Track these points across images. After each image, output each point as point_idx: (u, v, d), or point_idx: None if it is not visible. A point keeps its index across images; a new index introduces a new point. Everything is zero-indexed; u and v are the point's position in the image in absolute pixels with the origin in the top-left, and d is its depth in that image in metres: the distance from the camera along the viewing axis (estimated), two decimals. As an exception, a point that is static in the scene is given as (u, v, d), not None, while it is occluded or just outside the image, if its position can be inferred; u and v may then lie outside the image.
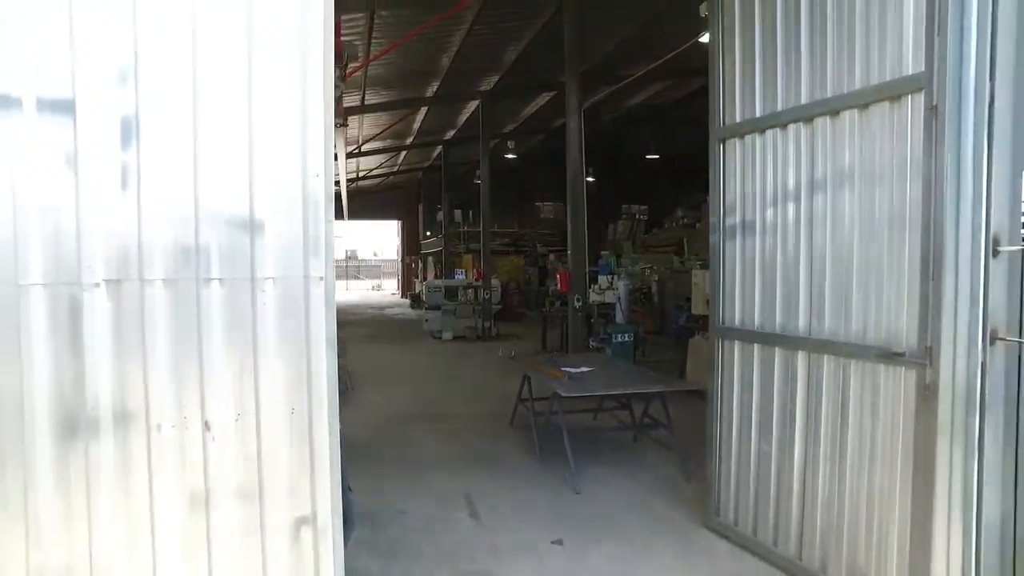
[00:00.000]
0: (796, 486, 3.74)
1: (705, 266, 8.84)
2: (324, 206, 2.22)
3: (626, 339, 8.11)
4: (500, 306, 14.75)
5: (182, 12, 2.12)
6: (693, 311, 7.75)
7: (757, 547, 3.97)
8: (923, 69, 3.02)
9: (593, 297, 9.00)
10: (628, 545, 4.16)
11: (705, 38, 6.38)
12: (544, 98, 14.47)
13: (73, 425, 2.10)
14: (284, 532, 2.27)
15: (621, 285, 9.23)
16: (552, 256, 19.97)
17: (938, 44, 2.95)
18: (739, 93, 4.13)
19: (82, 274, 2.08)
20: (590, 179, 14.72)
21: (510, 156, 18.13)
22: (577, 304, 8.55)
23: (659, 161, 19.26)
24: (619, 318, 9.18)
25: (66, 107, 2.05)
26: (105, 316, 2.10)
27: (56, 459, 2.09)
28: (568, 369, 5.88)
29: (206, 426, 2.18)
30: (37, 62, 2.01)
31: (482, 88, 13.76)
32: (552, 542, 4.22)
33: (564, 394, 5.03)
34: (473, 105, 15.01)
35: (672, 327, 9.18)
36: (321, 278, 2.24)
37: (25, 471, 2.06)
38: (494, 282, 14.77)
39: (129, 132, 2.10)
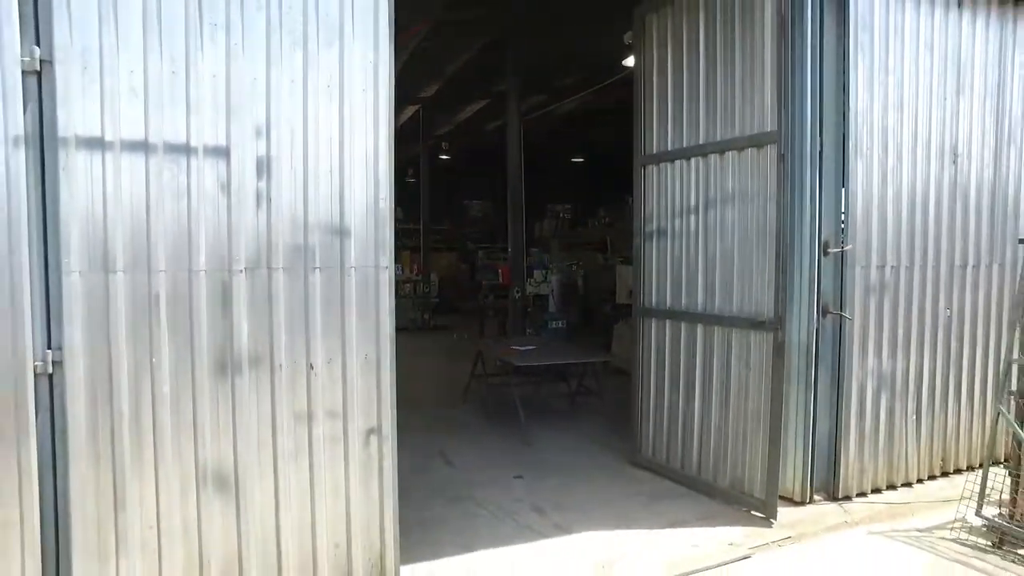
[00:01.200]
0: (696, 423, 5.10)
1: (626, 262, 10.29)
2: (388, 220, 3.34)
3: (559, 325, 9.43)
4: (438, 300, 15.81)
5: (297, 92, 3.17)
6: (617, 300, 9.13)
7: (669, 471, 5.31)
8: (776, 128, 4.42)
9: (529, 289, 10.28)
10: (572, 477, 5.42)
11: (628, 61, 7.73)
12: (479, 104, 15.58)
13: (223, 365, 3.12)
14: (359, 438, 3.37)
15: (554, 279, 10.56)
16: (481, 253, 21.12)
17: (784, 113, 4.35)
18: (656, 131, 5.46)
19: (231, 263, 3.10)
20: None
21: (444, 157, 19.16)
22: (516, 295, 9.80)
23: (583, 162, 20.73)
24: (551, 308, 10.50)
25: (223, 152, 3.06)
26: (245, 292, 3.13)
27: (213, 388, 3.10)
28: (517, 347, 7.11)
29: (310, 367, 3.25)
30: (208, 124, 3.03)
31: (423, 95, 14.75)
32: (514, 477, 5.43)
33: (519, 363, 6.26)
34: (412, 110, 15.97)
35: (598, 316, 10.57)
36: (386, 267, 3.35)
37: (194, 395, 3.07)
38: (432, 277, 15.82)
39: (262, 169, 3.14)
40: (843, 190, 4.75)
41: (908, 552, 4.02)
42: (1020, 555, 3.90)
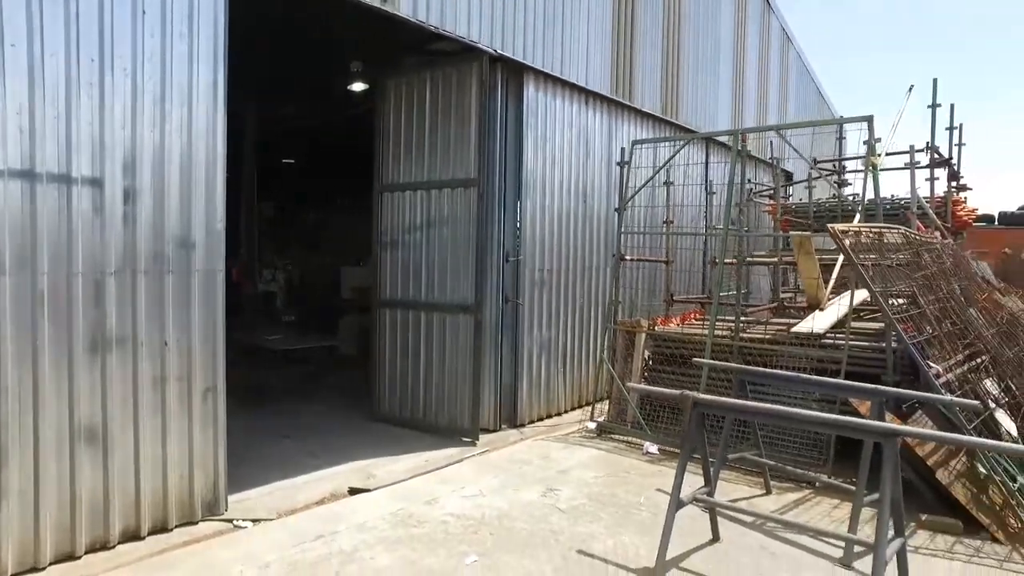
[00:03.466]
0: (422, 382, 7.04)
1: (345, 263, 11.84)
2: (222, 236, 4.57)
3: (291, 319, 10.58)
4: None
5: (156, 139, 4.23)
6: (343, 296, 10.61)
7: (404, 421, 7.15)
8: (477, 176, 6.57)
9: (260, 287, 11.17)
10: (329, 433, 6.91)
11: (355, 86, 9.26)
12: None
13: (96, 345, 4.04)
14: (200, 395, 4.52)
15: (281, 277, 11.61)
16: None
17: (482, 165, 6.52)
18: (391, 166, 7.26)
19: (104, 267, 4.04)
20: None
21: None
22: (251, 293, 10.65)
23: (294, 164, 21.23)
24: (279, 304, 11.55)
25: (98, 182, 4.00)
26: (114, 289, 4.08)
27: (87, 363, 3.99)
28: (267, 337, 8.27)
29: (164, 344, 4.32)
30: (85, 160, 3.94)
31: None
32: (283, 437, 6.74)
33: (280, 347, 7.50)
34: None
35: (323, 311, 11.89)
36: (220, 271, 4.56)
37: (71, 370, 3.94)
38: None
39: (128, 196, 4.12)
40: (518, 218, 7.13)
41: (552, 444, 6.56)
42: (611, 437, 6.68)
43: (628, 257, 7.79)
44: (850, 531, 4.04)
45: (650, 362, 7.10)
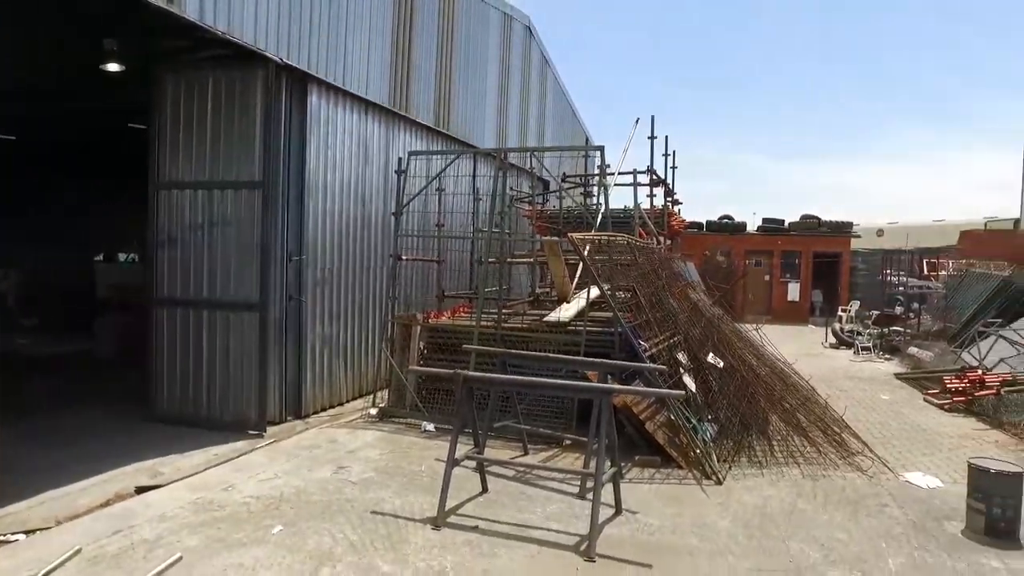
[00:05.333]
0: (205, 378, 7.07)
1: (99, 259, 10.96)
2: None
3: (33, 323, 9.54)
4: None
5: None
6: (99, 295, 9.81)
7: (185, 419, 7.07)
8: (262, 179, 6.81)
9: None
10: (104, 437, 6.60)
11: (110, 67, 8.71)
12: None
13: None
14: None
15: (13, 275, 10.34)
16: None
17: (268, 169, 6.79)
18: (170, 164, 7.15)
19: None
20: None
21: None
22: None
23: (33, 151, 18.36)
24: (12, 305, 10.30)
25: None
26: None
27: None
28: (17, 342, 7.54)
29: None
30: None
31: None
32: (49, 445, 6.29)
33: (28, 353, 6.94)
34: None
35: (70, 312, 10.83)
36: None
37: None
38: None
39: None
40: (301, 220, 7.48)
41: (338, 430, 7.09)
42: (392, 420, 7.40)
43: (404, 257, 8.53)
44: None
45: (425, 352, 7.91)
